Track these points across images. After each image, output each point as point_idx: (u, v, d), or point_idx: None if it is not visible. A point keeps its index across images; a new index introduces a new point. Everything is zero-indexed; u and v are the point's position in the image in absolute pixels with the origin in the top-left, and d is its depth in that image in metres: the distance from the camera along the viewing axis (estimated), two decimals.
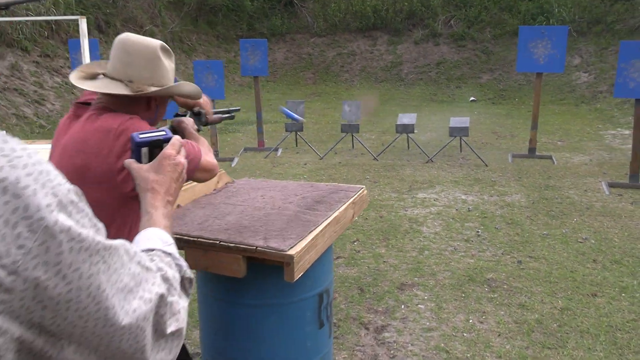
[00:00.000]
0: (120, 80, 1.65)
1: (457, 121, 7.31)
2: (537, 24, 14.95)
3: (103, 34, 11.87)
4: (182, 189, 2.42)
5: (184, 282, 0.95)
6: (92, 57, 7.66)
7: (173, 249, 1.00)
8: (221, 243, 1.95)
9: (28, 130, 8.03)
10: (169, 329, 0.83)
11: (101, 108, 1.66)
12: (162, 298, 0.81)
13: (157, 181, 1.12)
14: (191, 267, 2.04)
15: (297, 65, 17.33)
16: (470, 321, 3.23)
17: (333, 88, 15.90)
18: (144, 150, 1.14)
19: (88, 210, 0.72)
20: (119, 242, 0.75)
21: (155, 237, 1.01)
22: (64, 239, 0.65)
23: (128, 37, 1.69)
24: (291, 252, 1.88)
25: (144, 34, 13.25)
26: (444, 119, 11.03)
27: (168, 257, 0.95)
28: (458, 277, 3.81)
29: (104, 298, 0.71)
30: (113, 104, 1.67)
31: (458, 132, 7.22)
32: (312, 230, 2.07)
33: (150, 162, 1.14)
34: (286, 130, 7.76)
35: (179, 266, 0.95)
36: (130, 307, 0.75)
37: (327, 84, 16.32)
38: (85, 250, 0.68)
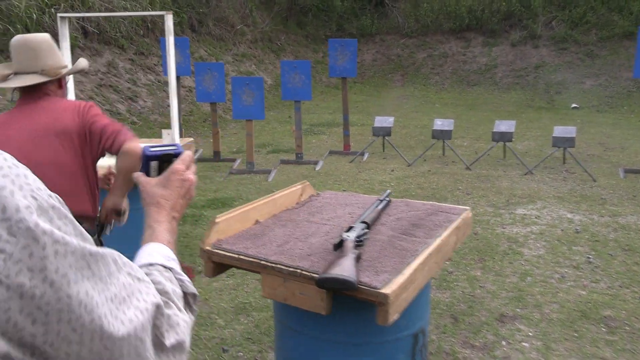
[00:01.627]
0: (35, 72, 2.08)
1: (562, 130, 6.67)
2: None
3: (195, 32, 12.07)
4: (263, 201, 2.17)
5: (188, 298, 0.91)
6: (182, 55, 7.70)
7: (175, 264, 0.95)
8: (303, 272, 1.66)
9: None
10: (168, 341, 0.78)
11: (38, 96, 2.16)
12: (158, 308, 0.76)
13: (164, 196, 1.09)
14: (268, 296, 1.77)
15: (386, 67, 16.93)
16: None
17: (422, 91, 15.36)
18: (153, 164, 1.14)
19: (72, 218, 0.65)
20: (107, 251, 0.69)
21: (156, 252, 0.97)
22: (47, 242, 0.60)
23: (25, 37, 2.14)
24: (386, 290, 1.56)
25: (235, 34, 13.40)
26: (543, 126, 10.25)
27: (168, 272, 0.91)
28: (568, 311, 3.32)
29: (95, 306, 0.64)
30: (34, 91, 2.13)
31: (563, 143, 6.58)
32: (410, 262, 1.74)
33: (159, 177, 1.12)
34: (373, 135, 7.43)
35: (180, 281, 0.91)
36: (126, 317, 0.69)
37: (415, 87, 15.80)
38: (71, 254, 0.62)
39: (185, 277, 0.92)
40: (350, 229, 1.90)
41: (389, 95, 14.89)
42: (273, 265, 1.72)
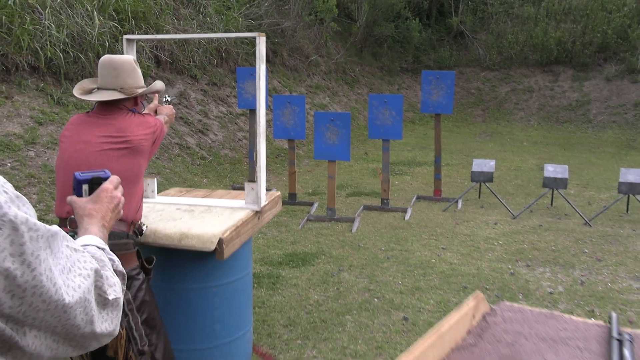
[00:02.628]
0: (114, 89, 2.35)
1: None
2: None
3: (269, 63, 11.54)
4: (426, 343, 1.30)
5: (122, 278, 1.04)
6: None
7: (106, 248, 1.10)
8: None
9: (189, 162, 7.63)
10: (110, 296, 0.92)
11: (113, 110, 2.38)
12: (97, 272, 0.91)
13: (94, 208, 1.22)
14: None
15: (465, 101, 15.90)
16: None
17: (506, 127, 14.22)
18: (85, 186, 1.26)
19: (27, 201, 0.81)
20: (56, 228, 0.83)
21: (89, 239, 1.11)
22: (24, 230, 0.75)
23: (111, 57, 2.39)
24: None
25: (309, 64, 12.76)
26: None
27: (100, 251, 1.04)
28: None
29: (56, 278, 0.79)
30: (111, 104, 2.36)
31: None
32: None
33: (91, 195, 1.25)
34: (472, 180, 6.45)
35: (111, 260, 1.04)
36: (75, 284, 0.84)
37: (498, 123, 14.68)
38: (40, 238, 0.78)
39: (115, 257, 1.07)
40: None
41: (469, 132, 13.84)
42: None
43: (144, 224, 2.47)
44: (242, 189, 7.52)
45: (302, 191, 7.43)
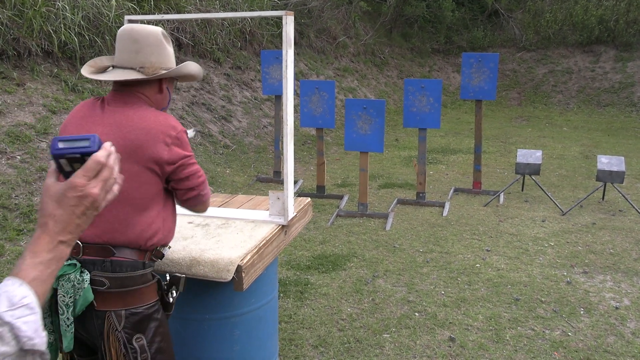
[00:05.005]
0: (132, 68, 1.84)
1: None
2: None
3: (295, 45, 11.05)
4: None
5: (34, 356, 0.81)
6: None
7: (19, 313, 0.80)
8: None
9: (212, 150, 7.24)
10: None
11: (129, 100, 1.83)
12: None
13: (54, 216, 0.89)
14: None
15: (500, 83, 15.14)
16: None
17: (544, 111, 13.50)
18: (63, 161, 0.92)
19: None
20: None
21: (5, 295, 0.81)
22: None
23: (132, 26, 1.84)
24: None
25: (337, 46, 12.19)
26: None
27: (3, 327, 0.79)
28: None
29: None
30: (127, 89, 1.84)
31: None
32: None
33: (58, 188, 0.91)
34: (516, 172, 5.91)
35: (16, 337, 0.79)
36: None
37: (535, 106, 13.96)
38: None
39: (23, 334, 0.80)
40: None
41: (505, 116, 13.17)
42: None
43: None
44: (268, 180, 7.15)
45: (331, 182, 6.99)
